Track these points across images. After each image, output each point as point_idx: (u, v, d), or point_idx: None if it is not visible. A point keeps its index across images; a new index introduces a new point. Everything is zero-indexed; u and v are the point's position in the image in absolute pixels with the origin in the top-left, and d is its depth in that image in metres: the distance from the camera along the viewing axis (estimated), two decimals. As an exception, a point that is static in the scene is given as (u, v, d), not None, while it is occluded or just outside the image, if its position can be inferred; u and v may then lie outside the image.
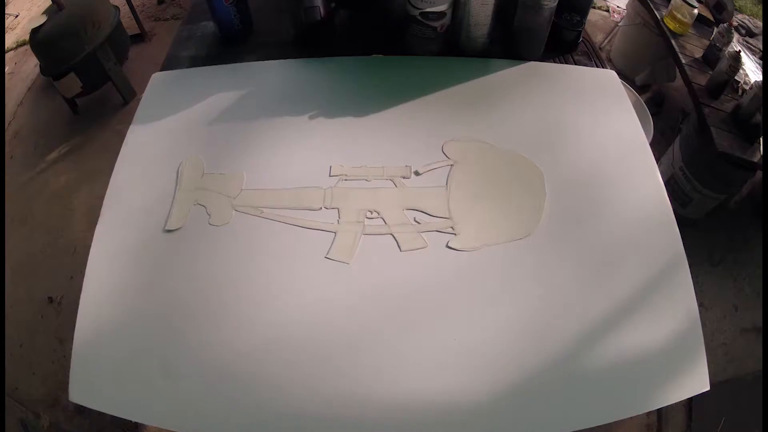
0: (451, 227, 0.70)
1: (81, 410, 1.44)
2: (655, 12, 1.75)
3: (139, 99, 0.88)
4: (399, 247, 0.69)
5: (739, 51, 1.45)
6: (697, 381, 0.59)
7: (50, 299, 1.69)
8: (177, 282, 0.67)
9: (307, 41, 0.93)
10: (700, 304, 0.63)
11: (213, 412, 0.59)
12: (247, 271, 0.68)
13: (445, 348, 0.62)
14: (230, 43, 0.97)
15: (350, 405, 0.58)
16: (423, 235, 0.70)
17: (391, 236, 0.70)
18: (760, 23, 1.83)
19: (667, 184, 1.58)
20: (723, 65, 1.47)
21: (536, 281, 0.66)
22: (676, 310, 0.64)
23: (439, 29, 0.85)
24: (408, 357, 0.61)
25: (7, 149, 2.05)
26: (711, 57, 1.60)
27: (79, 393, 0.61)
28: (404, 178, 0.75)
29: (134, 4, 2.37)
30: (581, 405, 0.58)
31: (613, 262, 0.67)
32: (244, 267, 0.68)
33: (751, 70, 1.57)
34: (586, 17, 0.91)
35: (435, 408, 0.58)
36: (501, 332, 0.62)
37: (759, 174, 1.58)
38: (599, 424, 0.57)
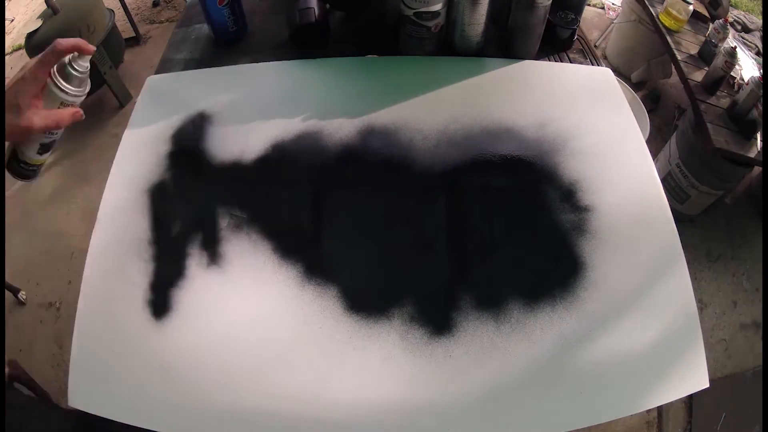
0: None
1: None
2: (651, 9, 1.76)
3: (135, 102, 0.88)
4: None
5: (735, 47, 1.45)
6: (696, 378, 0.59)
7: (49, 304, 1.68)
8: (175, 285, 0.67)
9: (302, 42, 0.93)
10: (699, 301, 0.63)
11: (211, 417, 0.59)
12: (244, 274, 0.68)
13: (442, 348, 0.62)
14: (224, 46, 0.97)
15: (345, 410, 0.58)
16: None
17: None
18: (755, 19, 1.83)
19: (663, 180, 1.58)
20: (719, 61, 1.47)
21: (533, 280, 0.66)
22: (674, 307, 0.64)
23: (433, 29, 0.85)
24: (404, 357, 0.61)
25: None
26: (706, 53, 1.60)
27: (79, 398, 0.61)
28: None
29: (129, 7, 2.37)
30: (581, 404, 0.58)
31: (610, 260, 0.67)
32: (239, 271, 0.68)
33: (746, 66, 1.57)
34: (580, 15, 0.91)
35: (433, 408, 0.58)
36: (498, 332, 0.62)
37: (756, 169, 1.59)
38: (599, 423, 0.57)
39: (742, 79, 1.51)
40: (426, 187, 0.74)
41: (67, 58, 0.57)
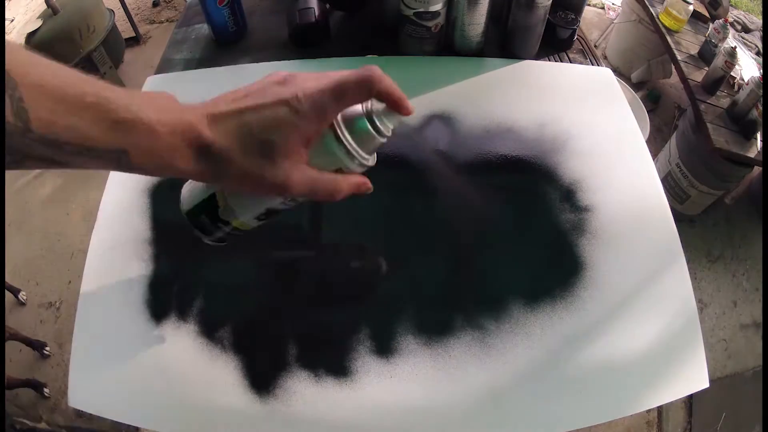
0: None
1: (80, 415, 1.44)
2: (651, 9, 1.76)
3: (135, 102, 0.87)
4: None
5: (735, 47, 1.45)
6: (696, 378, 0.59)
7: (49, 304, 1.69)
8: (175, 285, 0.67)
9: (302, 42, 0.93)
10: (699, 301, 0.64)
11: (211, 417, 0.59)
12: (248, 274, 0.68)
13: (443, 348, 0.62)
14: (224, 46, 0.97)
15: (345, 410, 0.58)
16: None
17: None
18: (755, 19, 1.84)
19: (663, 180, 1.58)
20: (719, 61, 1.48)
21: (533, 280, 0.66)
22: (674, 307, 0.63)
23: (433, 29, 0.85)
24: (404, 357, 0.61)
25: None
26: (706, 53, 1.60)
27: (79, 398, 0.61)
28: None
29: (129, 7, 2.38)
30: (581, 404, 0.58)
31: (610, 260, 0.67)
32: (242, 271, 0.68)
33: (746, 66, 1.57)
34: (580, 15, 0.91)
35: (433, 408, 0.58)
36: (498, 331, 0.62)
37: (756, 169, 1.59)
38: (599, 423, 0.57)
39: (742, 79, 1.52)
40: (426, 186, 0.74)
41: (369, 105, 0.38)
